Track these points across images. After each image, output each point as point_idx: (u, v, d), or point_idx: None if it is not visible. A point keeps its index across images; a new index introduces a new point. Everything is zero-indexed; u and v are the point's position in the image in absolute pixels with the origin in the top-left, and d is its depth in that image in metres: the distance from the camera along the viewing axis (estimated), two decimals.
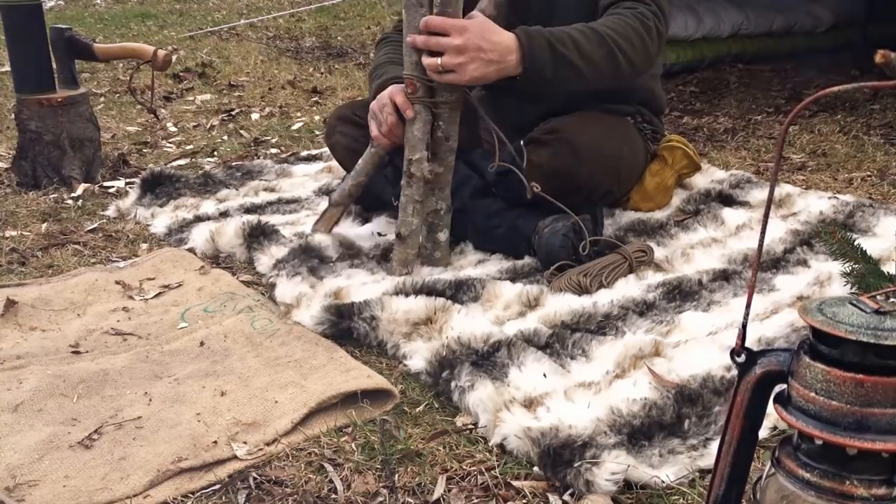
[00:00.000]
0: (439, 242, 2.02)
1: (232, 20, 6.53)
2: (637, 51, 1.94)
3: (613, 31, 1.92)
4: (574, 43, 1.88)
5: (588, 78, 1.93)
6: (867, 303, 0.78)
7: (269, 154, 3.17)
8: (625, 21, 1.94)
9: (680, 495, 1.23)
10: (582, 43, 1.88)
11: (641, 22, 1.94)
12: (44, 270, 2.12)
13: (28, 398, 1.52)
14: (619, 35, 1.92)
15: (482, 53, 1.81)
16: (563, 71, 1.88)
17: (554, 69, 1.87)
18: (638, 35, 1.94)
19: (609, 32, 1.91)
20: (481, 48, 1.81)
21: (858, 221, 2.20)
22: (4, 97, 4.07)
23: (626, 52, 1.92)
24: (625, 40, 1.92)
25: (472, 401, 1.44)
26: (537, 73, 1.87)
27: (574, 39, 1.88)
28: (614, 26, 1.93)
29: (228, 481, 1.31)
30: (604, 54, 1.90)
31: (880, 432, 0.75)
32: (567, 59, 1.87)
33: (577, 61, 1.88)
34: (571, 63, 1.88)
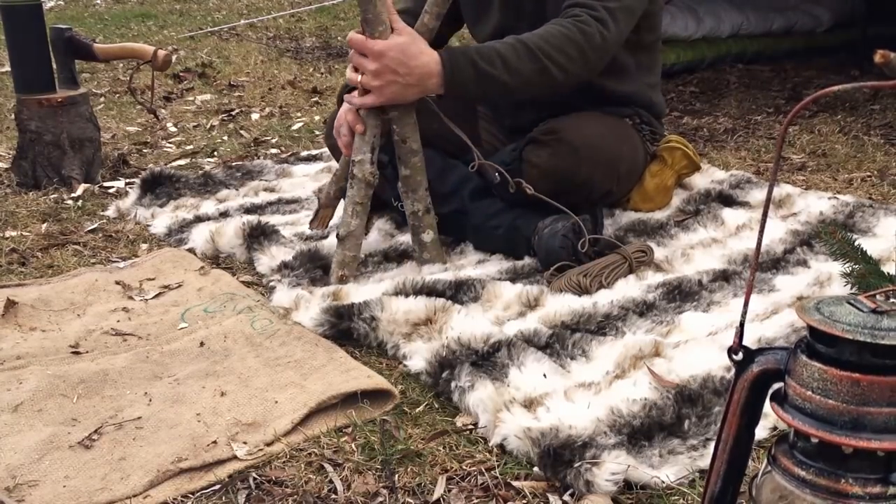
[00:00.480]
0: (425, 244, 2.03)
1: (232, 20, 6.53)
2: (573, 60, 1.94)
3: (547, 42, 1.92)
4: (502, 59, 1.90)
5: (518, 90, 1.95)
6: (864, 302, 0.79)
7: (269, 154, 3.17)
8: (561, 31, 1.94)
9: (680, 495, 1.23)
10: (510, 58, 1.90)
11: (580, 30, 1.94)
12: (44, 271, 2.12)
13: (28, 398, 1.52)
14: (553, 47, 1.92)
15: (399, 77, 1.85)
16: (488, 86, 1.91)
17: (478, 86, 1.90)
18: (574, 44, 1.93)
19: (541, 45, 1.92)
20: (397, 72, 1.85)
21: (858, 222, 2.20)
22: (4, 97, 4.07)
23: (560, 63, 1.93)
24: (558, 52, 1.92)
25: (472, 401, 1.44)
26: (461, 89, 1.90)
27: (502, 56, 1.90)
28: (548, 38, 1.93)
29: (228, 481, 1.31)
30: (534, 68, 1.91)
31: (876, 431, 0.75)
32: (491, 75, 1.89)
33: (502, 77, 1.90)
34: (496, 79, 1.90)
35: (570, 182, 2.00)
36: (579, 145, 2.00)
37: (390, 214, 2.30)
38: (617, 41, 2.01)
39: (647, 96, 2.26)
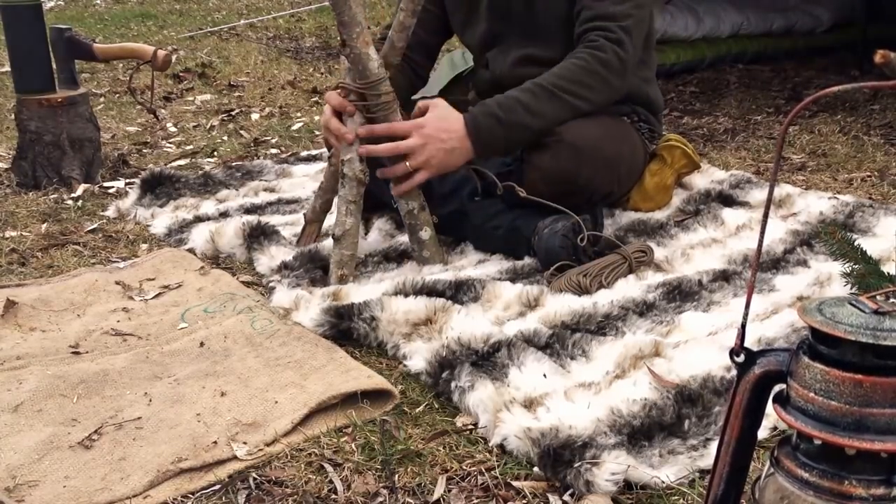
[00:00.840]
0: (423, 242, 2.03)
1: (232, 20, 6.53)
2: (595, 90, 2.00)
3: (564, 79, 1.97)
4: (522, 105, 1.95)
5: (545, 129, 1.99)
6: (866, 303, 0.78)
7: (269, 154, 3.17)
8: (577, 65, 1.98)
9: (680, 495, 1.23)
10: (530, 103, 1.95)
11: (597, 59, 1.98)
12: (44, 271, 2.12)
13: (28, 398, 1.52)
14: (571, 82, 1.97)
15: (443, 144, 1.91)
16: (516, 134, 1.97)
17: (506, 137, 1.95)
18: (593, 74, 1.98)
19: (559, 83, 1.96)
20: (441, 139, 1.90)
21: (858, 222, 2.20)
22: (4, 97, 4.07)
23: (583, 95, 1.98)
24: (578, 85, 1.97)
25: (472, 401, 1.44)
26: (493, 146, 1.97)
27: (521, 102, 1.95)
28: (565, 74, 1.98)
29: (228, 481, 1.31)
30: (557, 107, 1.97)
31: (879, 432, 0.75)
32: (517, 124, 1.95)
33: (528, 121, 1.95)
34: (524, 126, 1.95)
35: (572, 184, 2.00)
36: (580, 147, 2.00)
37: (390, 215, 2.30)
38: (635, 57, 2.06)
39: (643, 91, 2.26)
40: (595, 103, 2.01)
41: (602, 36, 2.00)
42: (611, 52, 1.99)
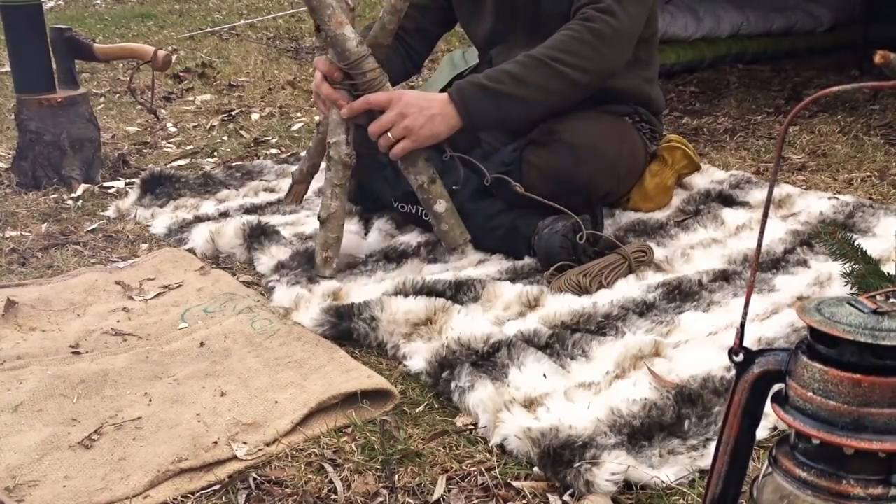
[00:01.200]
0: (439, 215, 1.99)
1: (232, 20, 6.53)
2: (588, 59, 1.96)
3: (553, 49, 1.95)
4: (509, 75, 1.92)
5: (542, 101, 1.96)
6: (865, 303, 0.78)
7: (269, 154, 3.17)
8: (567, 35, 1.96)
9: (680, 496, 1.23)
10: (518, 73, 1.92)
11: (586, 28, 1.96)
12: (44, 271, 2.12)
13: (28, 398, 1.52)
14: (561, 51, 1.94)
15: (424, 111, 1.89)
16: (507, 105, 1.93)
17: (496, 106, 1.92)
18: (584, 43, 1.95)
19: (548, 52, 1.94)
20: (421, 106, 1.89)
21: (858, 222, 2.20)
22: (4, 97, 4.07)
23: (575, 64, 1.95)
24: (568, 54, 1.94)
25: (472, 401, 1.44)
26: (481, 115, 1.93)
27: (509, 72, 1.93)
28: (554, 44, 1.96)
29: (228, 481, 1.31)
30: (548, 75, 1.93)
31: (877, 432, 0.75)
32: (505, 93, 1.92)
33: (517, 91, 1.92)
34: (512, 95, 1.92)
35: (570, 183, 2.00)
36: (579, 146, 2.00)
37: (390, 214, 2.30)
38: (630, 29, 2.02)
39: (644, 91, 2.26)
40: (590, 73, 1.97)
41: (592, 8, 1.98)
42: (601, 21, 1.96)
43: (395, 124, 1.89)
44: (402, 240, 2.18)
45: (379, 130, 1.90)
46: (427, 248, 2.14)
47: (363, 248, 2.15)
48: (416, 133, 1.89)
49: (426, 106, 1.89)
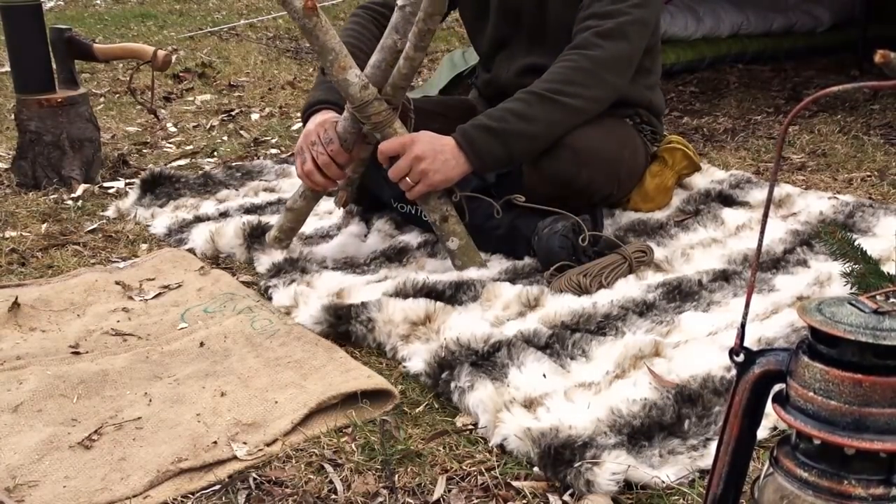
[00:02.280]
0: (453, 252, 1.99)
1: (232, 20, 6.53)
2: (589, 87, 1.96)
3: (553, 82, 1.94)
4: (513, 114, 1.92)
5: (548, 134, 1.96)
6: (866, 303, 0.78)
7: (269, 154, 3.17)
8: (565, 66, 1.96)
9: (680, 495, 1.23)
10: (520, 109, 1.92)
11: (583, 56, 1.95)
12: (44, 271, 2.12)
13: (28, 398, 1.52)
14: (561, 83, 1.94)
15: (438, 155, 1.88)
16: (515, 143, 1.92)
17: (504, 146, 1.91)
18: (584, 71, 1.95)
19: (548, 86, 1.94)
20: (435, 150, 1.88)
21: (858, 221, 2.20)
22: (4, 97, 4.07)
23: (576, 94, 1.95)
24: (569, 85, 1.94)
25: (472, 401, 1.44)
26: (491, 157, 1.92)
27: (511, 111, 1.92)
28: (553, 77, 1.95)
29: (228, 481, 1.31)
30: (551, 109, 1.93)
31: (878, 432, 0.75)
32: (510, 131, 1.91)
33: (523, 128, 1.92)
34: (518, 133, 1.92)
35: (572, 185, 2.00)
36: (580, 149, 2.00)
37: (390, 215, 2.30)
38: (629, 52, 2.01)
39: (645, 97, 2.26)
40: (595, 100, 1.98)
41: (593, 33, 1.97)
42: (600, 48, 1.96)
43: (412, 169, 1.89)
44: (401, 239, 2.18)
45: (397, 176, 1.91)
46: (427, 248, 2.14)
47: (363, 250, 2.15)
48: (431, 178, 1.89)
49: (440, 149, 1.89)
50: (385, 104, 1.90)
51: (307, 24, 1.82)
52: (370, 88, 1.88)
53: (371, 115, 1.89)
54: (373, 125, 1.91)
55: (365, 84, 1.87)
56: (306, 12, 1.80)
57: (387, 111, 1.90)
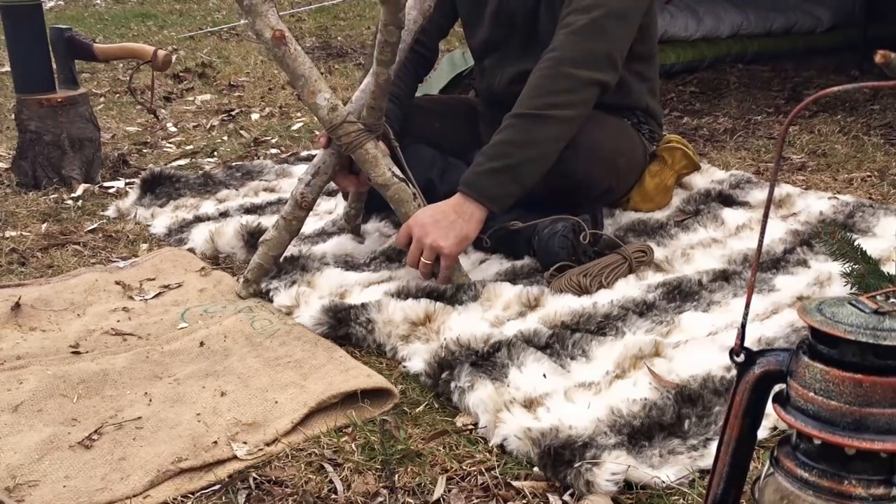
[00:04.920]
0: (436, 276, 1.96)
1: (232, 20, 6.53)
2: (573, 91, 1.90)
3: (535, 97, 1.89)
4: (511, 145, 1.87)
5: (555, 151, 1.91)
6: (866, 303, 0.78)
7: (269, 154, 3.17)
8: (541, 77, 1.90)
9: (680, 495, 1.23)
10: (518, 139, 1.87)
11: (556, 60, 1.90)
12: (44, 271, 2.12)
13: (28, 398, 1.52)
14: (544, 95, 1.88)
15: (440, 223, 1.85)
16: (523, 172, 1.88)
17: (514, 181, 1.87)
18: (561, 77, 1.89)
19: (535, 103, 1.88)
20: (437, 220, 1.85)
21: (858, 221, 2.20)
22: (4, 97, 4.07)
23: (562, 103, 1.89)
24: (552, 95, 1.89)
25: (472, 401, 1.44)
26: (505, 195, 1.88)
27: (507, 142, 1.88)
28: (535, 92, 1.90)
29: (228, 481, 1.31)
30: (545, 127, 1.88)
31: (879, 432, 0.75)
32: (514, 163, 1.87)
33: (525, 154, 1.87)
34: (524, 162, 1.87)
35: (569, 179, 2.00)
36: (577, 142, 1.99)
37: (390, 215, 2.29)
38: (608, 47, 1.94)
39: (643, 103, 2.26)
40: (585, 102, 1.92)
41: (567, 32, 1.92)
42: (574, 48, 1.90)
43: (423, 249, 1.85)
44: None
45: (414, 263, 1.88)
46: None
47: (362, 251, 2.15)
48: (447, 247, 1.84)
49: (441, 218, 1.85)
50: (358, 125, 1.90)
51: (276, 52, 1.87)
52: (339, 111, 1.90)
53: (341, 137, 1.91)
54: (345, 146, 1.92)
55: (333, 106, 1.90)
56: (275, 41, 1.85)
57: (357, 132, 1.90)
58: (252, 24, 1.87)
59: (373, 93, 1.88)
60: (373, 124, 1.92)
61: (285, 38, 1.86)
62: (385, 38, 1.79)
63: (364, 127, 1.91)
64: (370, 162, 1.91)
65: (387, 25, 1.77)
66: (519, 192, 1.90)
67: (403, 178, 1.93)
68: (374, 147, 1.91)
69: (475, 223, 1.87)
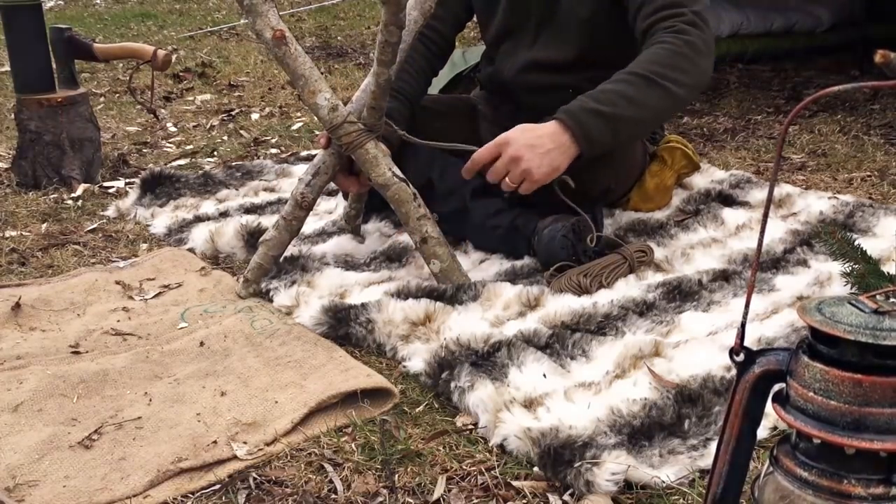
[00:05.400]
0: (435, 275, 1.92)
1: (232, 20, 6.53)
2: (690, 73, 1.88)
3: (659, 64, 1.85)
4: (622, 97, 1.83)
5: (651, 121, 1.92)
6: (866, 303, 0.78)
7: (269, 154, 3.17)
8: (667, 49, 1.87)
9: (680, 495, 1.23)
10: (629, 93, 1.84)
11: (684, 42, 1.88)
12: (44, 270, 2.12)
13: (28, 398, 1.52)
14: (666, 67, 1.85)
15: (537, 149, 1.80)
16: (622, 127, 1.86)
17: (613, 130, 1.84)
18: (685, 58, 1.87)
19: (655, 69, 1.85)
20: (532, 145, 1.80)
21: (858, 221, 2.20)
22: (4, 97, 4.07)
23: (680, 81, 1.86)
24: (672, 69, 1.86)
25: (472, 401, 1.44)
26: (600, 141, 1.85)
27: (619, 93, 1.84)
28: (658, 59, 1.86)
29: (228, 481, 1.31)
30: (658, 95, 1.85)
31: (878, 432, 0.75)
32: (620, 116, 1.83)
33: (631, 113, 1.84)
34: (626, 117, 1.84)
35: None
36: None
37: (390, 215, 2.29)
38: (712, 39, 1.95)
39: None
40: (691, 88, 1.90)
41: (679, 21, 1.90)
42: (694, 34, 1.89)
43: (511, 170, 1.82)
44: (400, 239, 2.18)
45: (496, 178, 1.84)
46: None
47: (362, 251, 2.15)
48: (536, 173, 1.81)
49: (538, 144, 1.81)
50: (358, 126, 1.90)
51: (277, 52, 1.88)
52: (339, 111, 1.90)
53: (342, 136, 1.91)
54: (345, 146, 1.92)
55: (333, 106, 1.90)
56: (275, 41, 1.86)
57: (357, 132, 1.90)
58: (252, 23, 1.88)
59: (373, 93, 1.88)
60: (373, 124, 1.92)
61: (286, 38, 1.86)
62: (386, 38, 1.79)
63: (364, 127, 1.91)
64: (370, 162, 1.91)
65: (388, 25, 1.77)
66: (611, 144, 1.87)
67: (404, 178, 1.93)
68: (374, 147, 1.91)
69: (567, 158, 1.83)
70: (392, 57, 1.82)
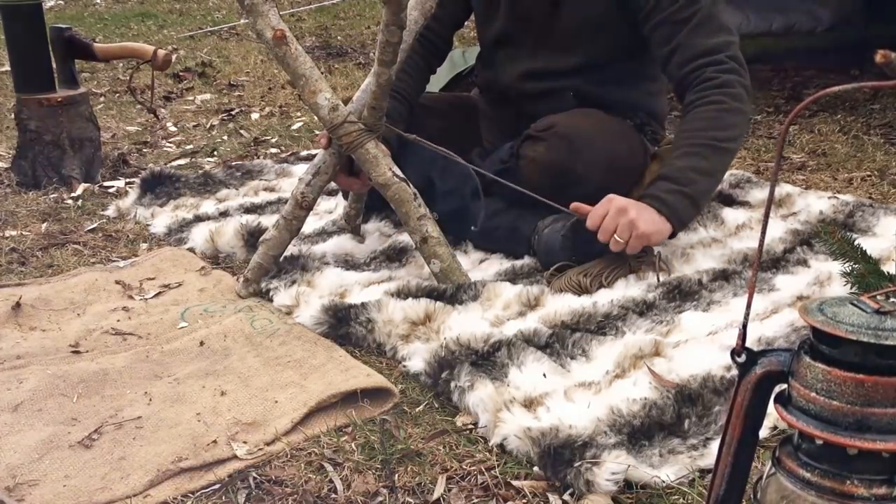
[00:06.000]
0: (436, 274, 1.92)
1: (232, 20, 6.53)
2: (741, 126, 1.98)
3: (717, 129, 1.93)
4: (698, 172, 1.92)
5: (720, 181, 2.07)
6: (868, 303, 0.78)
7: (269, 154, 3.17)
8: (720, 109, 1.94)
9: (680, 495, 1.23)
10: (704, 167, 1.92)
11: (731, 95, 1.94)
12: (44, 270, 2.12)
13: (28, 398, 1.52)
14: (723, 129, 1.93)
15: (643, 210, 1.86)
16: (704, 199, 1.99)
17: (696, 206, 1.95)
18: (735, 112, 1.95)
19: (716, 135, 1.93)
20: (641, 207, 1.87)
21: (858, 221, 2.20)
22: (4, 97, 4.07)
23: (735, 136, 1.96)
24: (729, 129, 1.94)
25: (472, 401, 1.44)
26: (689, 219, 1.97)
27: (696, 169, 1.92)
28: (715, 123, 1.93)
29: (228, 481, 1.31)
30: (724, 159, 1.96)
31: (881, 432, 0.75)
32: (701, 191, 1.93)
33: (709, 186, 1.97)
34: (705, 190, 1.96)
35: (566, 175, 1.99)
36: (574, 138, 1.98)
37: (390, 215, 2.29)
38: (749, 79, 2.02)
39: (648, 103, 2.25)
40: (743, 135, 2.02)
41: (720, 71, 1.97)
42: (737, 85, 1.97)
43: (620, 222, 1.85)
44: (400, 239, 2.18)
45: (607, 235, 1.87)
46: None
47: (362, 251, 2.15)
48: (642, 225, 1.85)
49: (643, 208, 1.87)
50: (358, 125, 1.90)
51: (277, 52, 1.88)
52: (339, 110, 1.90)
53: (342, 136, 1.91)
54: (345, 146, 1.92)
55: (334, 106, 1.90)
56: (276, 41, 1.86)
57: (357, 132, 1.90)
58: (253, 23, 1.88)
59: (374, 93, 1.88)
60: (373, 124, 1.92)
61: (286, 38, 1.86)
62: (387, 38, 1.79)
63: (365, 127, 1.91)
64: (371, 162, 1.91)
65: (388, 25, 1.77)
66: (695, 216, 2.03)
67: (404, 178, 1.93)
68: (374, 147, 1.91)
69: (668, 230, 1.91)
70: (393, 57, 1.82)
